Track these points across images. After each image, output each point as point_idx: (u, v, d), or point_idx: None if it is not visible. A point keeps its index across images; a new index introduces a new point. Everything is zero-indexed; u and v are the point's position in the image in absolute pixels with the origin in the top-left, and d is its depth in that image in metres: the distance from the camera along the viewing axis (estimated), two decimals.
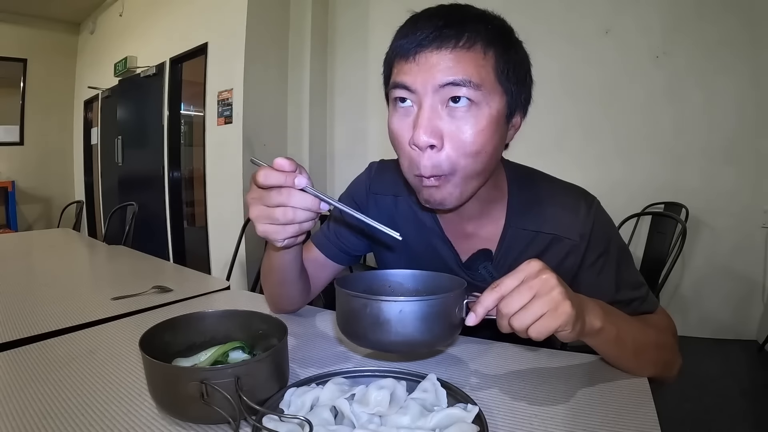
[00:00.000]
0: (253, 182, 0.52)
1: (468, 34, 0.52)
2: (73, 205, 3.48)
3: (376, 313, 0.48)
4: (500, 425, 0.46)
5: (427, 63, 0.52)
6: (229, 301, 0.97)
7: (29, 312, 0.83)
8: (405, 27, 0.55)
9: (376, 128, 3.29)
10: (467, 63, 0.51)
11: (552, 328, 0.45)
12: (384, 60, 0.60)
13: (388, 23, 0.59)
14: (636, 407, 0.49)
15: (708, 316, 2.41)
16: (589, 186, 0.69)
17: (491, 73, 0.53)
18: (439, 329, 0.49)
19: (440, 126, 0.53)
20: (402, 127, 0.56)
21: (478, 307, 0.48)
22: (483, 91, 0.52)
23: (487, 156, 0.55)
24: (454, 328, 0.51)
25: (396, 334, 0.48)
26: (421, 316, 0.48)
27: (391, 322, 0.48)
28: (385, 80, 0.60)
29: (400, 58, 0.55)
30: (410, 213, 0.73)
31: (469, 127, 0.53)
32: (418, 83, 0.53)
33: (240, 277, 3.02)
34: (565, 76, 2.58)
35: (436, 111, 0.53)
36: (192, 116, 4.31)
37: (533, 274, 0.46)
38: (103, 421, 0.47)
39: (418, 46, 0.52)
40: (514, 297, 0.46)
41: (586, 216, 0.64)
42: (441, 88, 0.52)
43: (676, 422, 1.60)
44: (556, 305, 0.45)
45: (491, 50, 0.52)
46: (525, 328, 0.45)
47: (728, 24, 2.26)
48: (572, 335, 0.47)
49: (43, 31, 5.15)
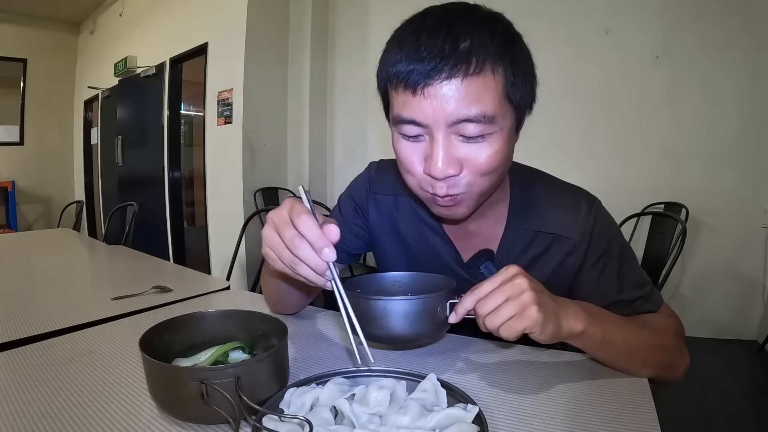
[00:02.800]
0: (288, 209, 0.48)
1: (476, 57, 0.48)
2: (73, 205, 3.48)
3: (363, 309, 0.54)
4: (500, 425, 0.46)
5: (436, 96, 0.49)
6: (229, 301, 0.97)
7: (29, 312, 0.83)
8: (405, 45, 0.50)
9: (376, 128, 3.29)
10: (480, 91, 0.49)
11: (518, 330, 0.48)
12: (379, 73, 0.56)
13: (389, 23, 0.56)
14: (636, 407, 0.49)
15: (708, 316, 2.41)
16: (590, 186, 0.69)
17: (501, 93, 0.51)
18: (422, 326, 0.55)
19: (457, 156, 0.52)
20: (411, 153, 0.55)
21: (458, 307, 0.52)
22: (496, 121, 0.51)
23: (503, 170, 0.56)
24: (439, 326, 0.56)
25: (381, 329, 0.54)
26: (405, 314, 0.54)
27: (377, 318, 0.54)
28: (383, 94, 0.57)
29: (405, 89, 0.51)
30: (411, 212, 0.73)
31: (485, 152, 0.52)
32: (429, 119, 0.50)
33: (240, 277, 3.02)
34: (565, 76, 2.58)
35: (450, 141, 0.52)
36: (192, 116, 4.32)
37: (508, 279, 0.50)
38: (103, 421, 0.47)
39: (426, 78, 0.48)
40: (488, 299, 0.49)
41: (587, 216, 0.64)
42: (454, 124, 0.50)
43: (676, 422, 1.60)
44: (523, 308, 0.48)
45: (500, 67, 0.50)
46: (496, 328, 0.49)
47: (728, 24, 2.26)
48: (543, 337, 0.49)
49: (43, 31, 5.15)
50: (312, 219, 0.47)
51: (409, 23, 0.53)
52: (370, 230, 0.78)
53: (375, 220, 0.77)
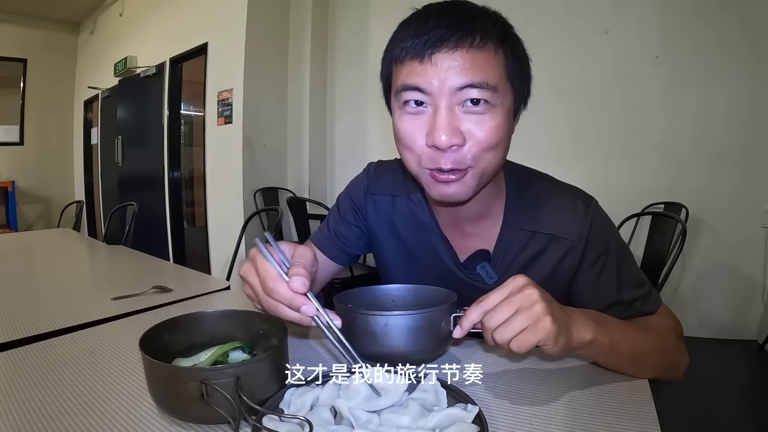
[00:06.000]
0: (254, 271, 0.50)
1: (480, 33, 0.51)
2: (73, 205, 3.48)
3: (362, 326, 0.50)
4: (500, 425, 0.46)
5: (443, 64, 0.51)
6: (229, 301, 0.97)
7: (29, 312, 0.83)
8: (413, 25, 0.53)
9: (376, 128, 3.29)
10: (483, 63, 0.51)
11: (532, 343, 0.45)
12: (384, 60, 0.58)
13: (389, 23, 0.57)
14: (636, 408, 0.49)
15: (708, 316, 2.41)
16: (590, 186, 0.69)
17: (503, 71, 0.53)
18: (425, 342, 0.51)
19: (460, 126, 0.52)
20: (414, 127, 0.55)
21: (464, 321, 0.49)
22: (498, 92, 0.52)
23: (504, 149, 0.57)
24: (442, 341, 0.52)
25: (382, 346, 0.50)
26: (407, 330, 0.50)
27: (377, 335, 0.50)
28: (386, 81, 0.59)
29: (411, 59, 0.53)
30: (409, 213, 0.73)
31: (488, 124, 0.53)
32: (434, 87, 0.51)
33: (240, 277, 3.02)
34: (565, 76, 2.58)
35: (454, 111, 0.52)
36: (192, 116, 4.31)
37: (517, 290, 0.47)
38: (103, 421, 0.47)
39: (432, 47, 0.51)
40: (497, 312, 0.47)
41: (584, 216, 0.64)
42: (458, 90, 0.51)
43: (676, 422, 1.60)
44: (536, 320, 0.45)
45: (501, 49, 0.53)
46: (506, 342, 0.46)
47: (727, 24, 2.26)
48: (556, 350, 0.47)
49: (43, 31, 5.15)
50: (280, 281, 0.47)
51: (414, 13, 0.56)
52: (369, 231, 0.78)
53: (373, 221, 0.77)
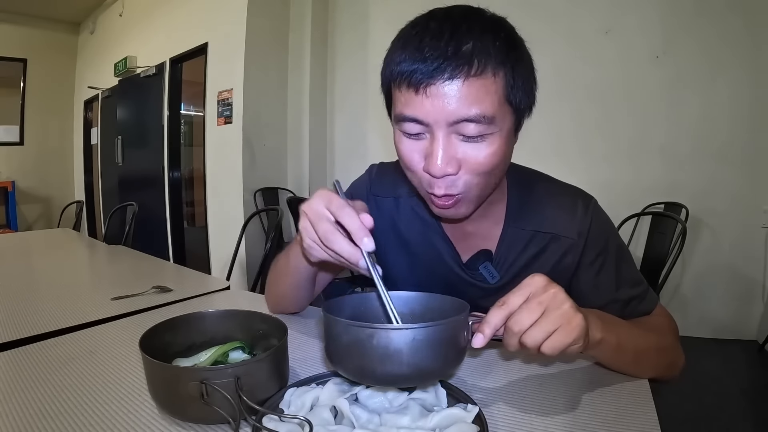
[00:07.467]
0: (321, 198, 0.51)
1: (477, 59, 0.49)
2: (73, 205, 3.48)
3: (384, 343, 0.42)
4: (500, 425, 0.46)
5: (438, 96, 0.50)
6: (229, 301, 0.97)
7: (29, 312, 0.83)
8: (409, 48, 0.51)
9: (376, 128, 3.29)
10: (480, 93, 0.49)
11: (566, 343, 0.43)
12: (382, 73, 0.57)
13: (389, 23, 0.57)
14: (636, 408, 0.49)
15: (708, 316, 2.41)
16: (590, 185, 0.69)
17: (501, 95, 0.51)
18: (448, 355, 0.45)
19: (456, 155, 0.52)
20: (413, 151, 0.55)
21: (485, 327, 0.45)
22: (495, 122, 0.51)
23: (501, 171, 0.57)
24: (462, 353, 0.47)
25: (408, 366, 0.42)
26: (429, 343, 0.43)
27: (403, 352, 0.42)
28: (386, 94, 0.58)
29: (407, 88, 0.51)
30: (411, 214, 0.73)
31: (484, 151, 0.52)
32: (430, 118, 0.51)
33: (240, 277, 3.02)
34: (565, 76, 2.58)
35: (450, 141, 0.52)
36: (192, 116, 4.32)
37: (540, 289, 0.44)
38: (103, 421, 0.47)
39: (429, 78, 0.49)
40: (523, 313, 0.44)
41: (584, 215, 0.65)
42: (455, 123, 0.51)
43: (676, 422, 1.60)
44: (569, 319, 0.43)
45: (501, 70, 0.50)
46: (537, 345, 0.43)
47: (728, 24, 2.26)
48: (581, 349, 0.46)
49: (43, 31, 5.15)
50: (352, 211, 0.49)
51: (413, 26, 0.53)
52: (371, 232, 0.78)
53: (376, 222, 0.77)
